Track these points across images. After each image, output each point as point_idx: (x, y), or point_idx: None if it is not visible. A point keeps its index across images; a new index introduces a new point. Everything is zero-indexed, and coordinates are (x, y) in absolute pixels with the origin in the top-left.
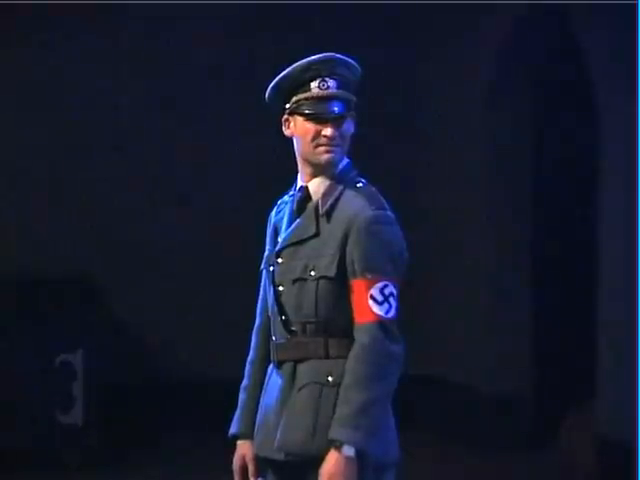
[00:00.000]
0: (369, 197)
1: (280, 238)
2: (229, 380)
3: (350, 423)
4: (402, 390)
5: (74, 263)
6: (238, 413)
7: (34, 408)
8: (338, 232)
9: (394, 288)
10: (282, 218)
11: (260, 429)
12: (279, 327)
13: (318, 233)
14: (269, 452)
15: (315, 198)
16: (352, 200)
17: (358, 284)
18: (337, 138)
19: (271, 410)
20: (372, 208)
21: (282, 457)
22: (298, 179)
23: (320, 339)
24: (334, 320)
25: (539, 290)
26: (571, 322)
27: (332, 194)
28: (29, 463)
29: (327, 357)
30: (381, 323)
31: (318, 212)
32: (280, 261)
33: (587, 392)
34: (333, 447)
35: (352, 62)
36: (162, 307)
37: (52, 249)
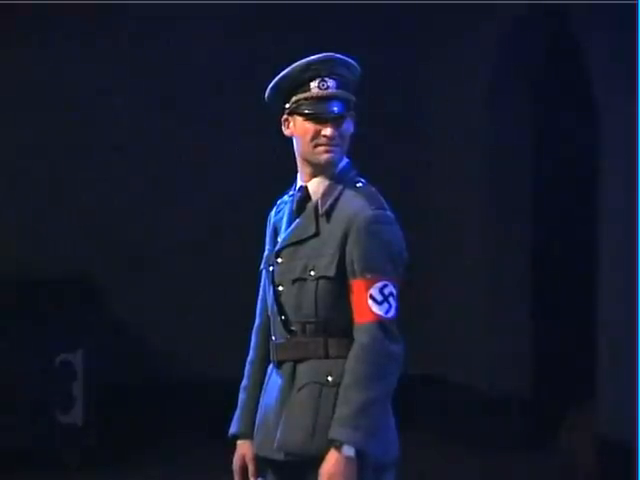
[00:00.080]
0: (369, 197)
1: (280, 238)
2: (229, 380)
3: (350, 423)
4: (402, 390)
5: (74, 263)
6: (238, 413)
7: (34, 408)
8: (338, 232)
9: (394, 288)
10: (282, 218)
11: (260, 429)
12: (279, 327)
13: (318, 233)
14: (269, 452)
15: (315, 198)
16: (352, 200)
17: (358, 284)
18: (337, 138)
19: (271, 410)
20: (372, 208)
21: (282, 457)
22: (298, 179)
23: (320, 339)
24: (334, 320)
25: (539, 290)
26: (571, 322)
27: (332, 194)
28: (29, 463)
29: (327, 357)
30: (381, 323)
31: (318, 212)
32: (280, 261)
33: (587, 392)
34: (333, 447)
35: (351, 62)
36: (162, 307)
37: (52, 249)
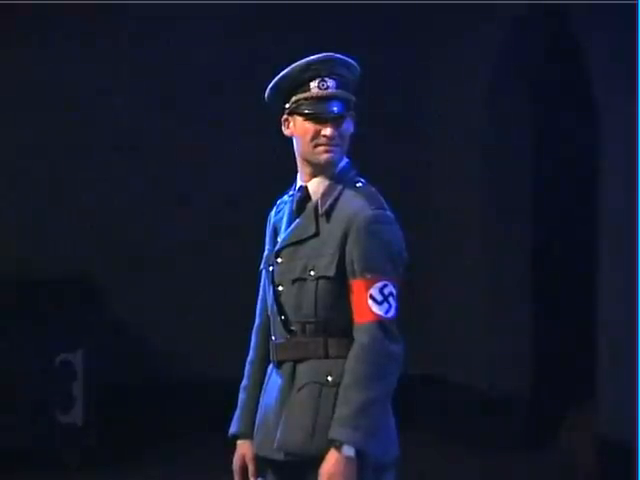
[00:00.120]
0: (368, 197)
1: (280, 238)
2: (229, 380)
3: (350, 423)
4: (402, 390)
5: (74, 263)
6: (238, 413)
7: (34, 408)
8: (337, 232)
9: (393, 288)
10: (282, 218)
11: (260, 429)
12: (279, 327)
13: (317, 233)
14: (269, 452)
15: (314, 198)
16: (351, 200)
17: (357, 284)
18: (336, 138)
19: (271, 410)
20: (372, 208)
21: (282, 457)
22: (298, 179)
23: (319, 339)
24: (333, 320)
25: (539, 290)
26: (571, 322)
27: (331, 194)
28: (29, 463)
29: (326, 357)
30: (381, 323)
31: (317, 212)
32: (280, 261)
33: (587, 392)
34: (333, 447)
35: (351, 62)
36: (162, 307)
37: (52, 249)
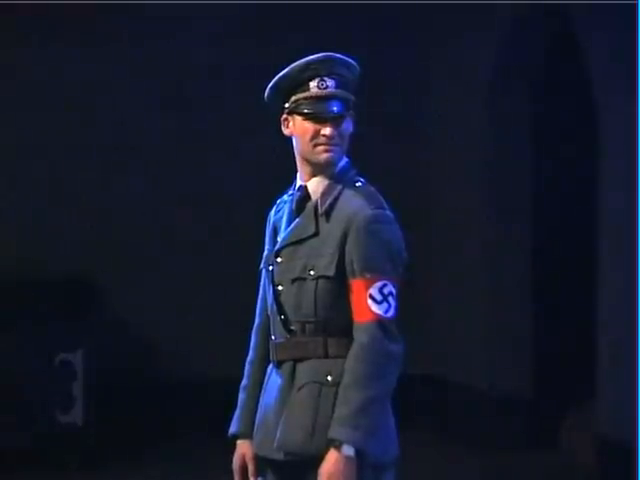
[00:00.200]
0: (368, 196)
1: (279, 237)
2: (229, 380)
3: (349, 423)
4: (402, 390)
5: (74, 263)
6: (238, 413)
7: (34, 408)
8: (337, 231)
9: (393, 287)
10: (281, 217)
11: (259, 428)
12: (278, 327)
13: (317, 232)
14: (268, 451)
15: (314, 197)
16: (351, 199)
17: (357, 283)
18: (336, 137)
19: (270, 409)
20: (371, 207)
21: (281, 457)
22: (297, 178)
23: (319, 338)
24: (333, 319)
25: (539, 290)
26: (571, 322)
27: (331, 193)
28: (29, 463)
29: (326, 356)
30: (380, 322)
31: (317, 211)
32: (279, 260)
33: (587, 392)
34: (332, 446)
35: (351, 61)
36: (162, 307)
37: (52, 249)
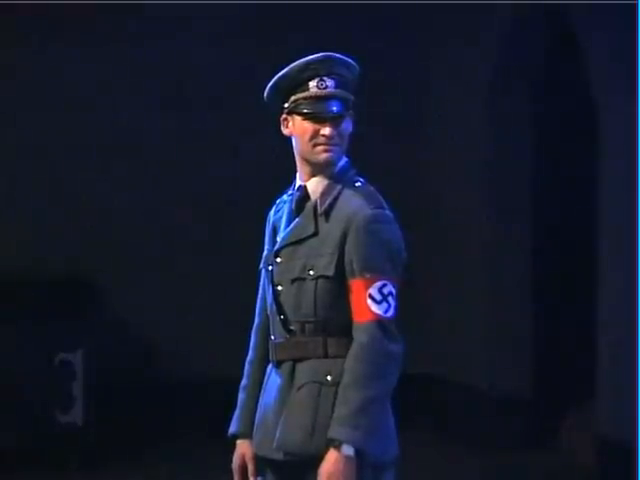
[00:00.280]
0: (368, 196)
1: (279, 237)
2: (229, 380)
3: (349, 422)
4: (402, 390)
5: (74, 263)
6: (237, 412)
7: (34, 408)
8: (337, 231)
9: (393, 287)
10: (281, 217)
11: (259, 428)
12: (278, 326)
13: (317, 232)
14: (268, 451)
15: (314, 197)
16: (351, 199)
17: (357, 283)
18: (335, 137)
19: (270, 409)
20: (371, 207)
21: (281, 456)
22: (297, 178)
23: (319, 338)
24: (333, 319)
25: (539, 290)
26: (571, 322)
27: (331, 193)
28: (29, 463)
29: (326, 356)
30: (380, 322)
31: (317, 211)
32: (279, 260)
33: (587, 392)
34: (332, 446)
35: (350, 61)
36: (162, 307)
37: (52, 249)
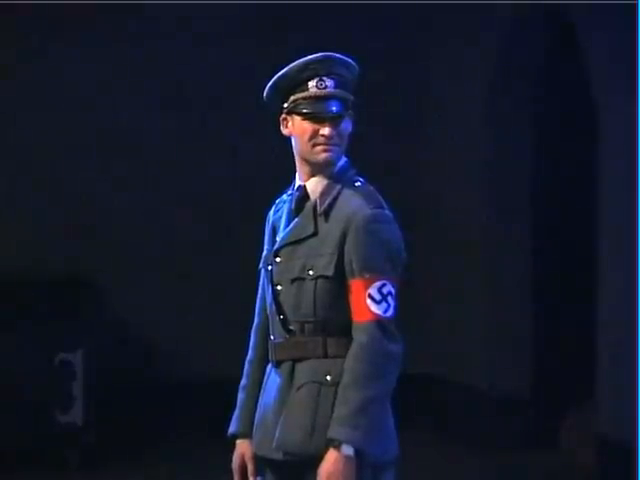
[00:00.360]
0: (367, 196)
1: (278, 237)
2: (229, 380)
3: (349, 422)
4: (402, 390)
5: (74, 263)
6: (237, 412)
7: (34, 408)
8: (336, 231)
9: (392, 287)
10: (280, 217)
11: (259, 428)
12: (277, 326)
13: (316, 232)
14: (268, 451)
15: (313, 197)
16: (350, 199)
17: (356, 283)
18: (335, 137)
19: (270, 409)
20: (370, 207)
21: (280, 456)
22: (296, 178)
23: (318, 338)
24: (332, 319)
25: (539, 290)
26: (571, 322)
27: (330, 193)
28: (29, 463)
29: (325, 356)
30: (379, 322)
31: (316, 211)
32: (278, 260)
33: (587, 392)
34: (332, 446)
35: (350, 61)
36: (162, 307)
37: (52, 249)
